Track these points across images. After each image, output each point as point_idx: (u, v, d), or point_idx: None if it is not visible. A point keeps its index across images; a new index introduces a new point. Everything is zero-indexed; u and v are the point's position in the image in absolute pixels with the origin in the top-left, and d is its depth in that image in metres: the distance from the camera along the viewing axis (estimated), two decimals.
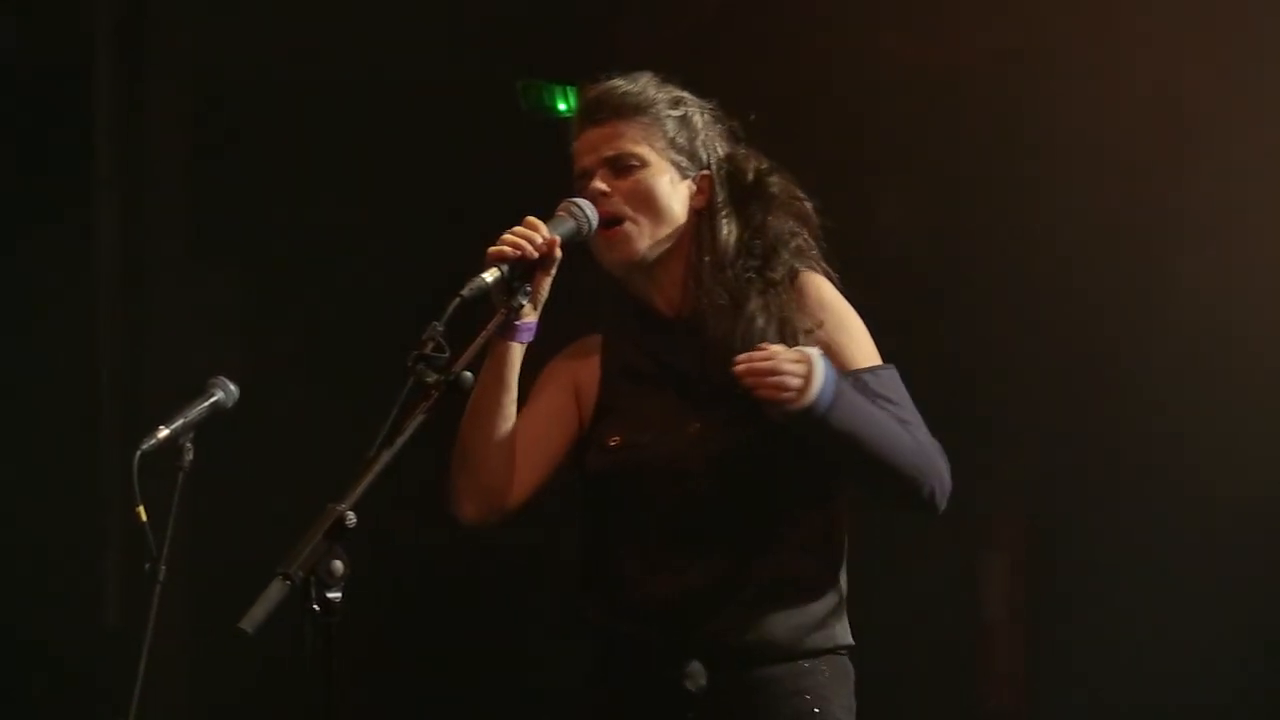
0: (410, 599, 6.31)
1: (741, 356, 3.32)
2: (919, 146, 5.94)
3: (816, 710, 3.45)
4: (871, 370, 3.46)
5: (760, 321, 3.47)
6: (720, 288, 3.51)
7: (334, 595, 2.89)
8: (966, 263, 5.95)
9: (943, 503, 3.46)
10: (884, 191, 5.97)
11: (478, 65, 6.19)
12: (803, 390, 3.29)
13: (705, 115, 3.62)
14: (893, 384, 3.48)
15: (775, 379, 3.28)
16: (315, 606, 2.88)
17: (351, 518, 2.90)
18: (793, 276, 3.52)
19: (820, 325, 3.47)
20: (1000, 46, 5.88)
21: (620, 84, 3.57)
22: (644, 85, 3.58)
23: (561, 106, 6.27)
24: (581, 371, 3.64)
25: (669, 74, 3.63)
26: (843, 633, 3.52)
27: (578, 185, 3.53)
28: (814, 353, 3.33)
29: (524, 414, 3.56)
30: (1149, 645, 5.78)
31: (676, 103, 3.58)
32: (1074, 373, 5.91)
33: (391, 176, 6.26)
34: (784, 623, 3.45)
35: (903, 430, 3.42)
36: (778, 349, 3.33)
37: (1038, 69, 5.80)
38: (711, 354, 3.47)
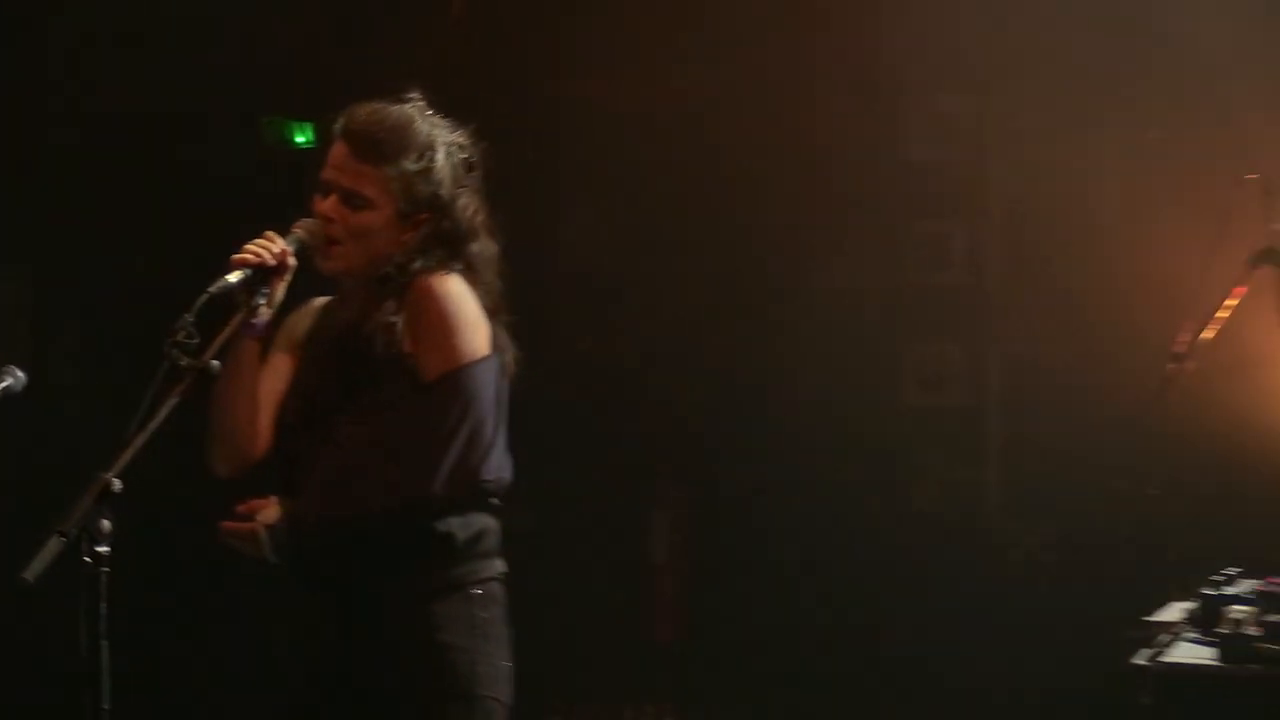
0: None
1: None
2: (600, 175, 6.18)
3: (432, 632, 3.49)
4: (435, 383, 3.45)
5: (342, 319, 3.61)
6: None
7: (102, 549, 2.99)
8: (639, 272, 6.18)
9: (421, 486, 3.42)
10: (570, 211, 6.20)
11: (235, 99, 6.23)
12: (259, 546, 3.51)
13: (452, 157, 3.57)
14: (451, 391, 3.45)
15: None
16: (86, 559, 2.99)
17: (117, 484, 3.03)
18: (411, 281, 3.51)
19: (399, 331, 3.49)
20: (676, 92, 6.16)
21: (383, 124, 3.53)
22: (400, 132, 3.53)
23: (300, 139, 6.26)
24: (299, 329, 3.73)
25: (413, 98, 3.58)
26: (462, 573, 3.52)
27: (320, 180, 3.57)
28: (260, 526, 3.50)
29: (262, 369, 3.64)
30: (793, 585, 6.08)
31: (424, 153, 3.53)
32: (728, 364, 6.19)
33: (159, 192, 6.29)
34: (374, 556, 3.49)
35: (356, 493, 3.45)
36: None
37: (710, 110, 6.11)
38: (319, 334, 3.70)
